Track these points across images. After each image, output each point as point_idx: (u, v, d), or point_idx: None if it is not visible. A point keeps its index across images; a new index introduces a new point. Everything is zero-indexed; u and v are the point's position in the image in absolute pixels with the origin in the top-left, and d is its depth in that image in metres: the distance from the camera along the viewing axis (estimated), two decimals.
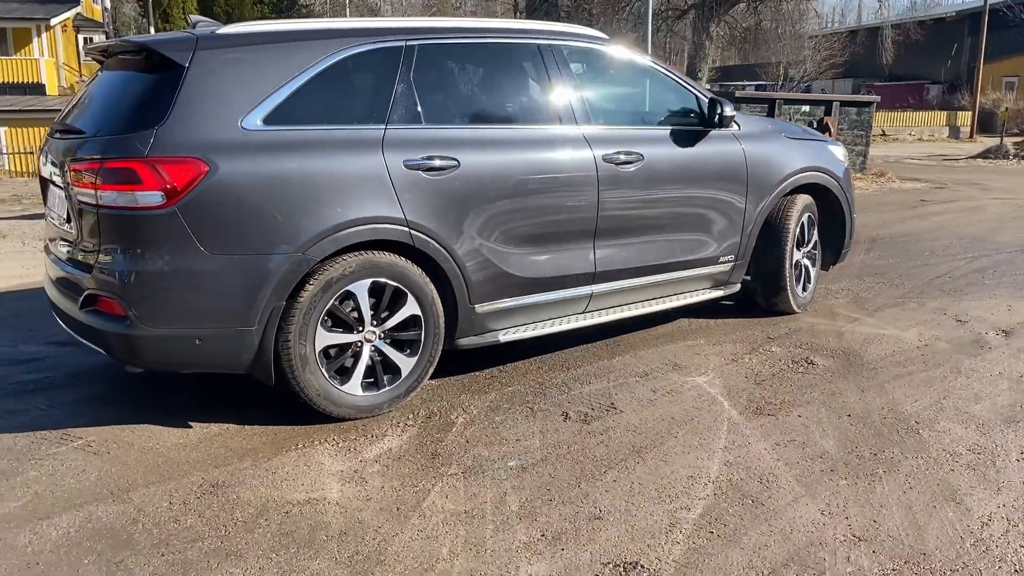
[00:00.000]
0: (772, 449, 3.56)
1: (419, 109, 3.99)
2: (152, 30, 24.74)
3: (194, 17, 4.15)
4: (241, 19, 45.88)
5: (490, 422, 3.86)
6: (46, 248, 4.35)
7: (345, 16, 43.51)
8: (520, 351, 4.74)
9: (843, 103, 14.78)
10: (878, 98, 16.22)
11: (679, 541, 2.86)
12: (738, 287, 5.33)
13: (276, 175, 3.58)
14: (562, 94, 4.42)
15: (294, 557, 2.78)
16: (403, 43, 4.00)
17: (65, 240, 3.86)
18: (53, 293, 4.08)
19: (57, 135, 3.98)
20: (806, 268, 5.57)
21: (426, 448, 3.61)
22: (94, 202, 3.46)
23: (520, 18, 34.65)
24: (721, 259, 5.11)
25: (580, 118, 4.45)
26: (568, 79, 4.45)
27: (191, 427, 3.80)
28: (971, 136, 33.71)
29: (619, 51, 4.83)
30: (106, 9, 16.72)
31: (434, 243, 3.93)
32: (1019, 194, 13.01)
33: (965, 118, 35.73)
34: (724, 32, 31.02)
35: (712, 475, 3.33)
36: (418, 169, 3.88)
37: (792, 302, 5.45)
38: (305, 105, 3.73)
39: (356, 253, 3.77)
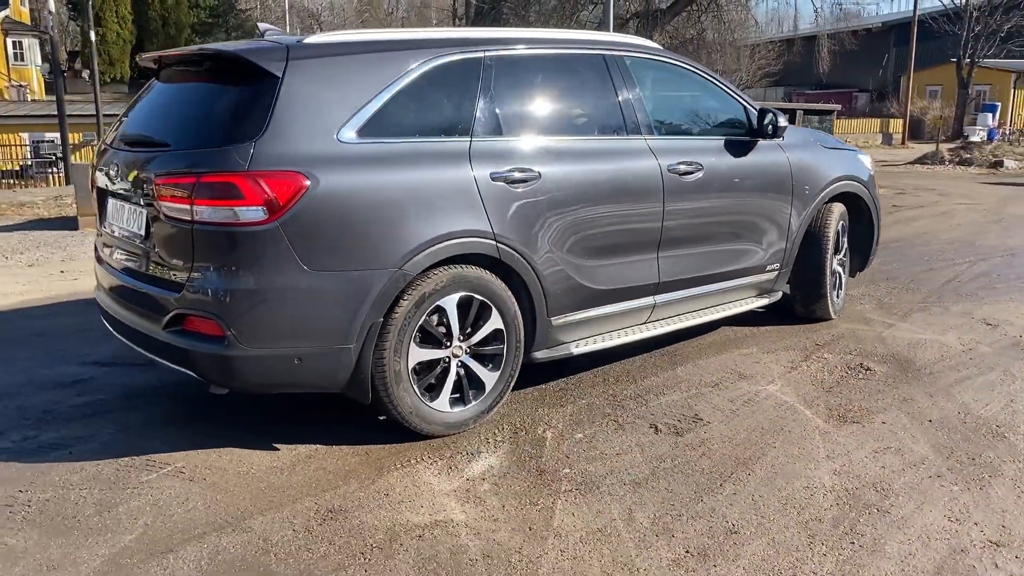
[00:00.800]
0: (872, 457, 3.60)
1: (500, 120, 3.94)
2: (92, 35, 23.88)
3: (263, 25, 4.02)
4: (177, 24, 44.77)
5: (581, 436, 3.82)
6: (98, 259, 4.18)
7: (286, 22, 42.88)
8: (577, 364, 4.70)
9: (806, 112, 15.17)
10: (838, 107, 16.69)
11: (825, 553, 2.87)
12: (780, 295, 5.40)
13: (374, 189, 3.50)
14: (628, 104, 4.41)
15: None
16: (482, 53, 3.95)
17: (137, 255, 3.69)
18: (113, 307, 3.92)
19: (125, 147, 3.81)
20: (839, 275, 5.67)
21: (527, 464, 3.55)
22: (188, 218, 3.31)
23: (460, 26, 34.63)
24: (768, 267, 5.17)
25: (644, 129, 4.45)
26: (632, 89, 4.45)
27: (278, 449, 3.67)
28: (903, 143, 34.90)
29: (674, 60, 4.85)
30: (51, 12, 16.13)
31: (518, 256, 3.88)
32: (978, 199, 13.50)
33: (897, 125, 36.98)
34: (666, 42, 31.52)
35: (826, 484, 3.36)
36: (503, 181, 3.83)
37: (830, 309, 5.54)
38: (396, 117, 3.65)
39: (446, 267, 3.70)
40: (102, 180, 3.98)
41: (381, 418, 3.96)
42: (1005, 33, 35.74)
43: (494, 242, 3.79)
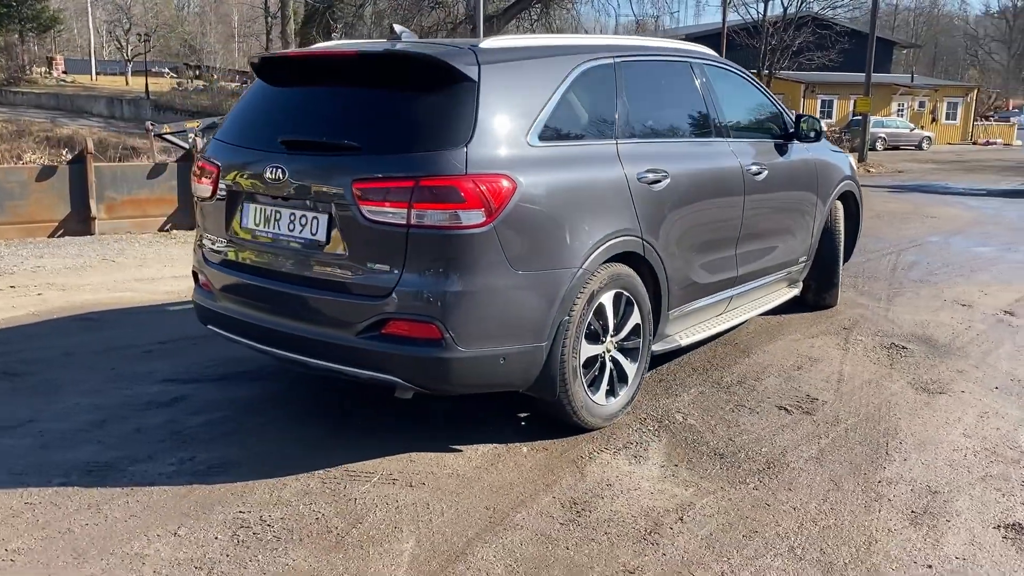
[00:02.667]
0: (981, 420, 4.12)
1: (633, 123, 4.14)
2: None
3: (399, 27, 3.98)
4: None
5: (724, 421, 4.08)
6: (213, 266, 3.97)
7: (89, 15, 39.91)
8: (653, 359, 4.89)
9: None
10: None
11: (1023, 502, 3.31)
12: (802, 285, 5.90)
13: (560, 190, 3.61)
14: (712, 109, 4.73)
15: (753, 561, 2.89)
16: (612, 60, 4.12)
17: (307, 261, 3.57)
18: (256, 316, 3.75)
19: (285, 150, 3.64)
20: None
21: (700, 449, 3.77)
22: (403, 222, 3.28)
23: (288, 32, 33.65)
24: (800, 259, 5.66)
25: (723, 131, 4.80)
26: (713, 95, 4.77)
27: (461, 450, 3.68)
28: None
29: (730, 67, 5.21)
30: None
31: (655, 253, 4.10)
32: None
33: None
34: None
35: (967, 446, 3.82)
36: (644, 182, 4.03)
37: (837, 297, 6.13)
38: (564, 120, 3.77)
39: (605, 265, 3.85)
40: (239, 184, 3.80)
41: (522, 415, 4.06)
42: (796, 48, 39.38)
43: (641, 240, 3.98)
